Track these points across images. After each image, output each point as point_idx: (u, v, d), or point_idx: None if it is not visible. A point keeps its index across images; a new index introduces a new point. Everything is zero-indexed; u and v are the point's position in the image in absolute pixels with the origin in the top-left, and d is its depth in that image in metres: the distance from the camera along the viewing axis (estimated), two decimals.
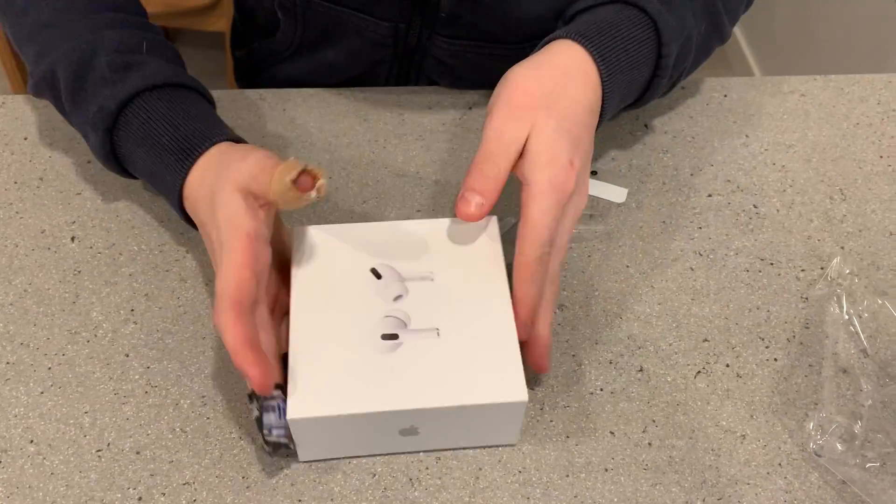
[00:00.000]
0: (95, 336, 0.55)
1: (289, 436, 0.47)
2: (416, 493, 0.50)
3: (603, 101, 0.54)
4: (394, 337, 0.48)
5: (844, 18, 1.65)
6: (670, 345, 0.57)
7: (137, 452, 0.51)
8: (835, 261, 0.61)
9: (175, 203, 0.53)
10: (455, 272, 0.51)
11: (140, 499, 0.49)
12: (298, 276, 0.51)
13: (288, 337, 0.48)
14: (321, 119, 0.69)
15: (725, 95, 0.73)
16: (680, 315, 0.58)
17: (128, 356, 0.54)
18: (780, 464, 0.52)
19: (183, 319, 0.56)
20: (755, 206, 0.65)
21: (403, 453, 0.51)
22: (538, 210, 0.48)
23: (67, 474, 0.50)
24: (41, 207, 0.62)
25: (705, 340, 0.57)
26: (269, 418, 0.47)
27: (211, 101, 0.58)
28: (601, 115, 0.55)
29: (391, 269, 0.51)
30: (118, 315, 0.56)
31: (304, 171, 0.45)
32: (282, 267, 0.53)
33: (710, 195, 0.65)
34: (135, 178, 0.59)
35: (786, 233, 0.63)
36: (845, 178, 0.67)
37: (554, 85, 0.52)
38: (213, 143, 0.52)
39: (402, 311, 0.49)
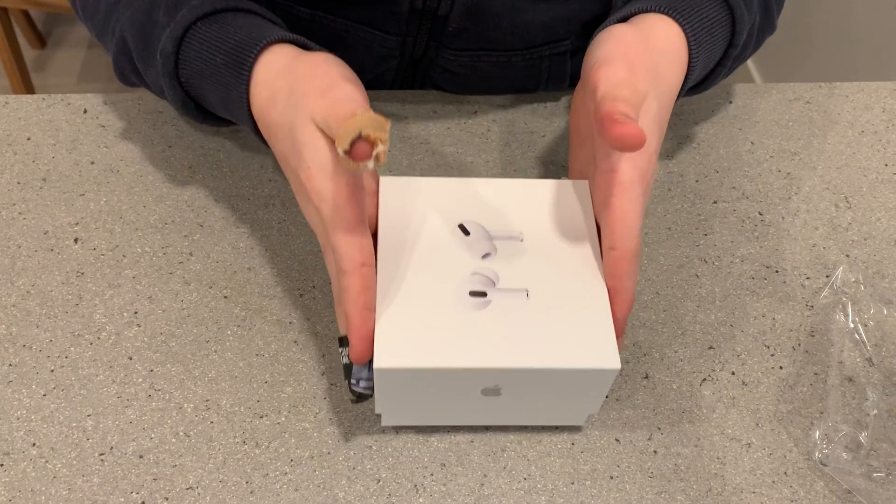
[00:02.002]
0: (98, 339, 0.55)
1: (373, 387, 0.46)
2: (420, 500, 0.49)
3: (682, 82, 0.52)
4: (482, 294, 0.46)
5: (845, 25, 1.66)
6: (676, 352, 0.56)
7: (140, 456, 0.50)
8: (840, 269, 0.60)
9: (250, 126, 0.51)
10: (545, 234, 0.49)
11: (143, 503, 0.48)
12: (385, 227, 0.49)
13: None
14: None
15: (731, 102, 0.73)
16: (685, 322, 0.58)
17: (131, 359, 0.54)
18: (785, 472, 0.51)
19: (187, 322, 0.56)
20: (760, 214, 0.65)
21: (471, 429, 0.51)
22: (629, 201, 0.46)
23: (70, 478, 0.49)
24: (44, 208, 0.61)
25: (710, 348, 0.57)
26: (360, 368, 0.46)
27: (268, 18, 0.54)
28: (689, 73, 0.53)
29: (479, 226, 0.50)
30: (121, 317, 0.56)
31: (359, 138, 0.41)
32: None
33: (715, 202, 0.65)
34: (222, 123, 0.56)
35: (791, 240, 0.63)
36: (850, 185, 0.67)
37: (659, 62, 0.50)
38: (264, 47, 0.49)
39: (490, 270, 0.47)
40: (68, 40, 2.10)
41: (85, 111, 0.68)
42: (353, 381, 0.46)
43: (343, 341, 0.47)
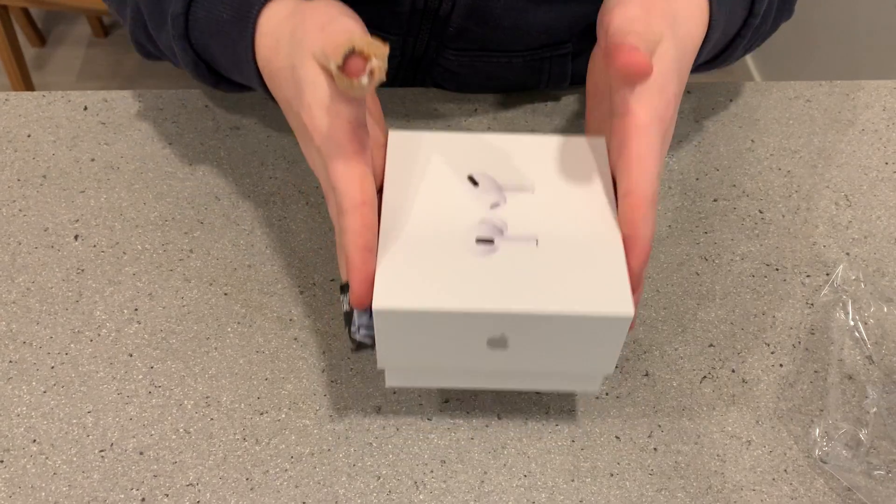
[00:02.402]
0: (99, 335, 0.55)
1: (374, 336, 0.45)
2: (420, 497, 0.49)
3: (704, 39, 0.51)
4: (489, 241, 0.45)
5: (846, 24, 1.66)
6: (676, 349, 0.56)
7: (141, 453, 0.50)
8: (840, 267, 0.60)
9: (256, 82, 0.50)
10: (557, 186, 0.48)
11: (143, 500, 0.48)
12: (391, 175, 0.48)
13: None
14: None
15: (731, 100, 0.73)
16: (685, 320, 0.58)
17: (131, 356, 0.54)
18: (785, 470, 0.51)
19: (187, 319, 0.56)
20: (761, 212, 0.65)
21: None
22: (646, 144, 0.44)
23: (70, 474, 0.49)
24: (44, 205, 0.61)
25: (711, 345, 0.57)
26: (361, 315, 0.44)
27: None
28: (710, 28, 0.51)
29: (489, 177, 0.48)
30: (121, 314, 0.56)
31: (352, 53, 0.40)
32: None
33: (715, 200, 0.65)
34: (234, 87, 0.56)
35: (791, 238, 0.63)
36: (851, 184, 0.67)
37: (679, 7, 0.48)
38: (267, 0, 0.48)
39: (499, 218, 0.46)
40: (68, 38, 2.10)
41: (85, 108, 0.68)
42: (353, 328, 0.45)
43: (344, 288, 0.45)
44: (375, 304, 0.41)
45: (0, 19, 1.62)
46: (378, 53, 0.40)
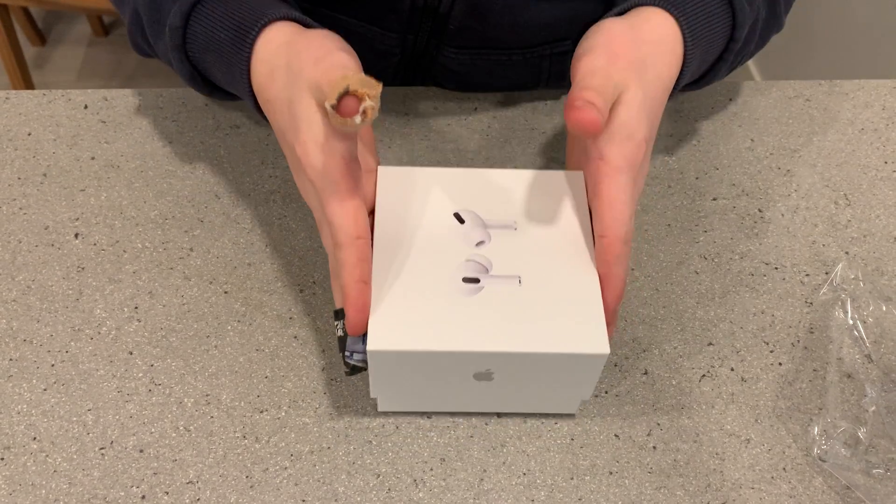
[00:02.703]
0: (99, 333, 0.55)
1: (367, 360, 0.47)
2: (420, 495, 0.49)
3: (679, 75, 0.53)
4: (475, 281, 0.47)
5: (846, 23, 1.66)
6: (675, 348, 0.57)
7: (141, 451, 0.50)
8: (839, 266, 0.61)
9: (250, 104, 0.51)
10: (539, 223, 0.50)
11: (143, 497, 0.49)
12: (382, 214, 0.50)
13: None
14: None
15: (731, 99, 0.73)
16: (685, 318, 0.58)
17: (131, 354, 0.54)
18: (784, 468, 0.52)
19: (187, 317, 0.56)
20: (760, 211, 0.65)
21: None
22: (617, 188, 0.46)
23: (70, 472, 0.49)
24: (45, 204, 0.61)
25: (710, 344, 0.57)
26: (354, 341, 0.46)
27: None
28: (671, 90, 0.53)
29: (474, 214, 0.50)
30: (122, 312, 0.56)
31: (346, 93, 0.41)
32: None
33: (715, 199, 0.65)
34: (228, 97, 0.57)
35: (790, 237, 0.63)
36: (850, 183, 0.67)
37: (647, 53, 0.50)
38: (265, 24, 0.49)
39: (484, 257, 0.48)
40: (68, 38, 2.10)
41: (85, 107, 0.68)
42: (347, 353, 0.47)
43: (339, 314, 0.47)
44: (371, 345, 0.44)
45: (0, 18, 1.62)
46: (372, 94, 0.41)
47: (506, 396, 0.50)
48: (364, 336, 0.45)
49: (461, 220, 0.50)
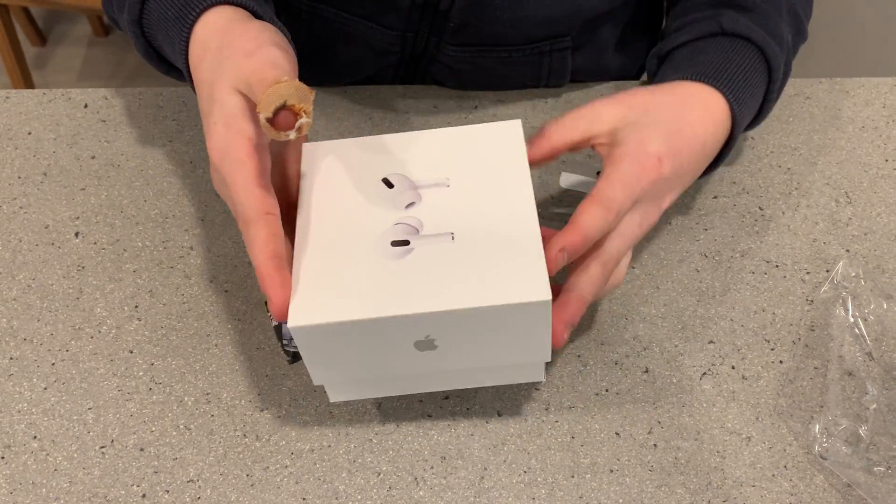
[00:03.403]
0: (99, 332, 0.55)
1: None
2: (420, 493, 0.49)
3: (733, 131, 0.54)
4: (405, 243, 0.44)
5: (846, 21, 1.66)
6: (676, 346, 0.56)
7: (141, 449, 0.50)
8: (840, 264, 0.60)
9: (190, 85, 0.51)
10: (473, 177, 0.48)
11: (144, 496, 0.49)
12: (306, 188, 0.47)
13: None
14: (326, 117, 0.68)
15: None
16: (685, 316, 0.58)
17: (132, 353, 0.54)
18: (785, 466, 0.51)
19: (187, 316, 0.56)
20: (761, 209, 0.65)
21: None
22: (618, 170, 0.46)
23: (71, 470, 0.49)
24: (45, 203, 0.61)
25: (711, 342, 0.57)
26: (287, 328, 0.44)
27: None
28: (726, 146, 0.55)
29: (404, 177, 0.48)
30: (122, 311, 0.56)
31: (283, 107, 0.41)
32: (284, 184, 0.50)
33: (715, 197, 0.65)
34: (182, 76, 0.56)
35: (791, 235, 0.63)
36: (851, 181, 0.67)
37: (682, 164, 0.51)
38: (207, 7, 0.49)
39: (414, 218, 0.46)
40: (69, 37, 2.10)
41: (86, 106, 0.68)
42: (284, 341, 0.45)
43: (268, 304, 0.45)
44: (291, 322, 0.41)
45: (0, 18, 1.62)
46: (307, 109, 0.41)
47: (458, 369, 0.46)
48: None
49: (390, 185, 0.47)
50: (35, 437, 0.50)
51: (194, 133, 0.66)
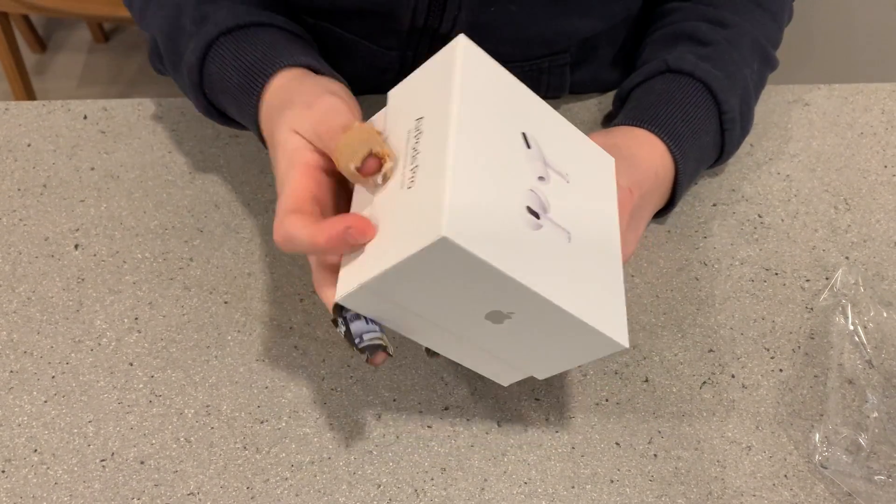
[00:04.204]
0: (99, 345, 0.55)
1: (382, 336, 0.43)
2: None
3: (677, 174, 0.58)
4: (536, 216, 0.42)
5: (844, 27, 1.66)
6: (675, 355, 0.56)
7: (141, 462, 0.50)
8: (840, 271, 0.60)
9: (264, 145, 0.52)
10: (582, 187, 0.46)
11: None
12: (463, 94, 0.42)
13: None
14: None
15: None
16: (685, 325, 0.58)
17: (132, 365, 0.54)
18: (785, 475, 0.51)
19: (187, 328, 0.56)
20: (760, 216, 0.65)
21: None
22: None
23: (71, 484, 0.49)
24: (44, 215, 0.61)
25: (710, 351, 0.57)
26: (358, 326, 0.43)
27: (291, 31, 0.56)
28: (677, 185, 0.58)
29: (538, 145, 0.45)
30: (122, 323, 0.56)
31: (370, 155, 0.41)
32: None
33: (714, 204, 0.65)
34: (243, 127, 0.58)
35: (790, 243, 0.63)
36: (850, 187, 0.67)
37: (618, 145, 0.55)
38: (273, 72, 0.50)
39: (544, 195, 0.43)
40: (69, 44, 2.10)
41: (85, 117, 0.68)
42: (356, 341, 0.43)
43: (335, 321, 0.44)
44: (446, 232, 0.37)
45: (0, 25, 1.62)
46: (389, 152, 0.42)
47: (484, 348, 0.45)
48: (367, 319, 0.42)
49: (528, 145, 0.45)
50: (35, 451, 0.50)
51: (194, 144, 0.66)
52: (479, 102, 0.43)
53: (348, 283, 0.42)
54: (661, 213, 0.62)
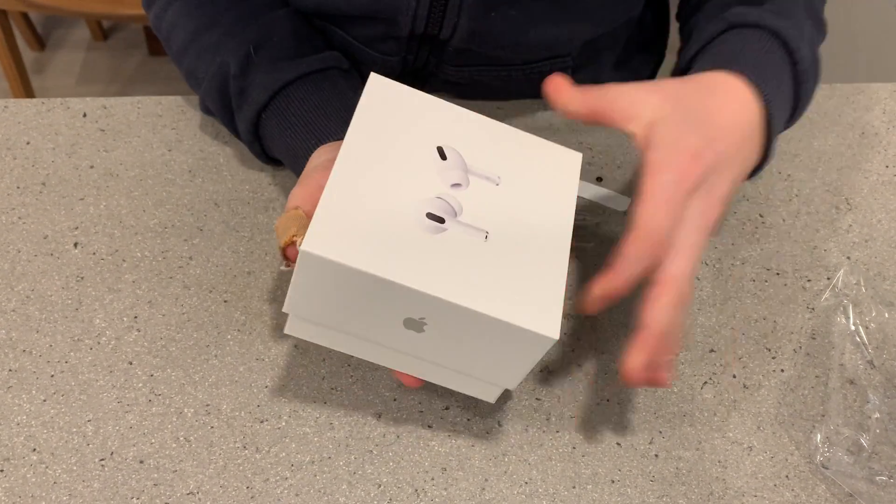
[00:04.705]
0: (98, 343, 0.55)
1: None
2: None
3: (770, 120, 0.51)
4: (440, 220, 0.43)
5: (846, 26, 1.65)
6: (676, 355, 0.56)
7: (141, 461, 0.50)
8: (841, 271, 0.60)
9: None
10: (523, 186, 0.46)
11: None
12: (359, 123, 0.45)
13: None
14: None
15: None
16: (686, 325, 0.58)
17: (131, 364, 0.54)
18: (787, 476, 0.51)
19: (187, 327, 0.56)
20: (761, 216, 0.64)
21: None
22: (656, 185, 0.44)
23: (70, 483, 0.49)
24: (44, 213, 0.61)
25: (712, 351, 0.57)
26: None
27: (319, 70, 0.59)
28: (771, 134, 0.52)
29: (459, 155, 0.46)
30: (121, 322, 0.56)
31: (289, 244, 0.44)
32: None
33: None
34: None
35: (792, 242, 0.63)
36: (851, 187, 0.67)
37: (697, 93, 0.49)
38: (308, 156, 0.53)
39: (455, 200, 0.44)
40: (67, 42, 2.10)
41: (84, 115, 0.68)
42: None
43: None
44: (304, 246, 0.39)
45: None
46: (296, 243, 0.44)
47: (427, 359, 0.45)
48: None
49: (443, 156, 0.45)
50: (34, 450, 0.50)
51: (193, 142, 0.66)
52: (378, 129, 0.45)
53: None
54: (756, 171, 0.55)
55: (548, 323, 0.42)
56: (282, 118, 0.57)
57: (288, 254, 0.44)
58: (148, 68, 2.04)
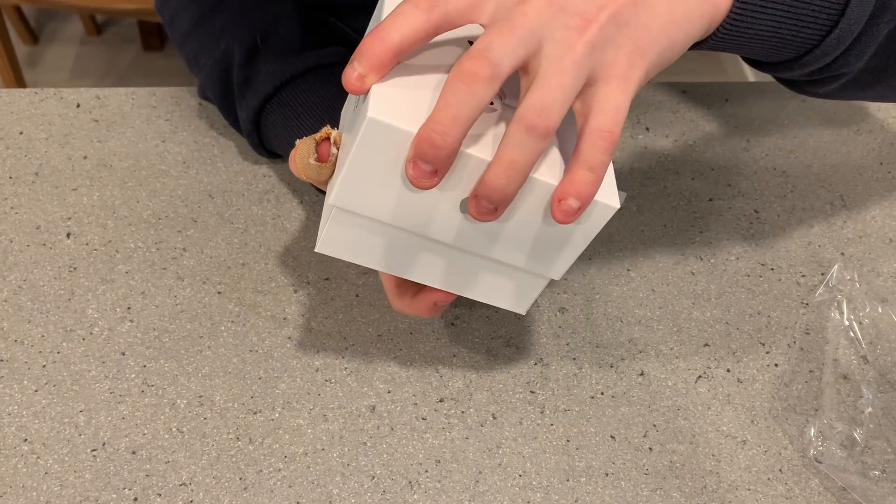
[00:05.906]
0: (91, 334, 0.54)
1: None
2: (415, 496, 0.49)
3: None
4: (490, 102, 0.38)
5: None
6: (671, 349, 0.56)
7: (133, 452, 0.50)
8: (835, 267, 0.60)
9: None
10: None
11: (136, 499, 0.48)
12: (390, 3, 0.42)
13: None
14: None
15: (727, 100, 0.73)
16: (681, 319, 0.58)
17: (124, 354, 0.54)
18: (780, 470, 0.51)
19: (180, 318, 0.56)
20: (756, 211, 0.65)
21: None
22: (542, 70, 0.36)
23: (62, 474, 0.49)
24: (36, 203, 0.61)
25: (706, 345, 0.57)
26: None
27: (318, 65, 0.58)
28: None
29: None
30: (114, 313, 0.56)
31: (317, 146, 0.43)
32: None
33: (711, 199, 0.65)
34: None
35: (786, 238, 0.63)
36: (846, 183, 0.67)
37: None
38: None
39: (505, 84, 0.38)
40: (60, 36, 2.09)
41: (78, 105, 0.67)
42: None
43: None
44: (371, 113, 0.37)
45: None
46: (330, 130, 0.44)
47: (476, 250, 0.43)
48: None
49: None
50: (25, 440, 0.50)
51: (187, 133, 0.66)
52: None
53: (323, 226, 0.43)
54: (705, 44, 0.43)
55: (607, 192, 0.41)
56: (288, 109, 0.57)
57: (321, 150, 0.43)
58: (142, 63, 2.04)
